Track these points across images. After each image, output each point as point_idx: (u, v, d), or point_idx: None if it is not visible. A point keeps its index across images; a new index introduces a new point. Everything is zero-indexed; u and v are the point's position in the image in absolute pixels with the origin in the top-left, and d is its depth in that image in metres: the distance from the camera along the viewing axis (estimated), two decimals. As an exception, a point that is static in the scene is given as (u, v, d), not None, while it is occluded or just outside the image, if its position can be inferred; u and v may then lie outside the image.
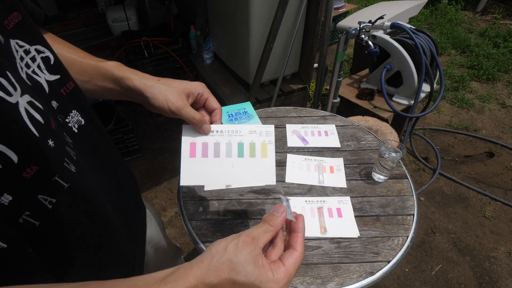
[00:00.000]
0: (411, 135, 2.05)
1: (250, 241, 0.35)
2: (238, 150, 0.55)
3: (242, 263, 0.34)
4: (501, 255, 1.54)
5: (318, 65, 1.81)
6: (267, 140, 0.57)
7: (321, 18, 1.73)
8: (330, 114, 1.10)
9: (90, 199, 0.39)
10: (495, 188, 1.86)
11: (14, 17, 0.34)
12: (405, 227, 0.76)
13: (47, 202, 0.32)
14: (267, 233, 0.38)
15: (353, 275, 0.66)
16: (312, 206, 0.80)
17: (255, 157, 0.55)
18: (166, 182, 1.93)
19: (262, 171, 0.55)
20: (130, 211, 0.56)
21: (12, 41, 0.33)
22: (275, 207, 0.41)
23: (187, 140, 0.54)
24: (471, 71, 2.83)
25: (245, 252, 0.35)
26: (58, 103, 0.38)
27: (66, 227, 0.35)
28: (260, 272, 0.34)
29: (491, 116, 2.39)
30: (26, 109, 0.30)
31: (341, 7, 2.91)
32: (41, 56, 0.37)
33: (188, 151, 0.53)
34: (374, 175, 0.88)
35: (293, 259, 0.38)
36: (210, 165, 0.53)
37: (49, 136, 0.32)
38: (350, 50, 2.93)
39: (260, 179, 0.54)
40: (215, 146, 0.54)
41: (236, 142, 0.55)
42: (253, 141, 0.56)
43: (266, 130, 0.57)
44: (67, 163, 0.34)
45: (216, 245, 0.35)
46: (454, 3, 3.91)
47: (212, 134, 0.55)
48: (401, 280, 1.47)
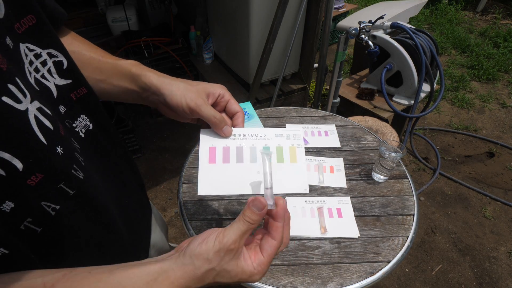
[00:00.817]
0: (411, 135, 2.05)
1: (232, 248, 0.35)
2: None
3: (225, 270, 0.35)
4: (501, 255, 1.54)
5: (318, 65, 1.81)
6: (296, 144, 0.52)
7: (321, 18, 1.73)
8: (330, 114, 1.10)
9: (95, 204, 0.39)
10: (495, 188, 1.86)
11: (28, 20, 0.33)
12: (405, 227, 0.76)
13: (50, 208, 0.32)
14: (246, 234, 0.37)
15: (353, 275, 0.66)
16: (312, 206, 0.80)
17: (283, 163, 0.50)
18: (166, 182, 1.93)
19: (292, 178, 0.49)
20: (136, 216, 0.55)
21: (22, 45, 0.32)
22: (256, 201, 0.38)
23: (206, 144, 0.49)
24: (471, 71, 2.83)
25: (227, 259, 0.35)
26: (66, 107, 0.38)
27: (69, 233, 0.35)
28: (243, 270, 0.36)
29: (491, 116, 2.39)
30: (36, 116, 0.29)
31: (341, 7, 2.91)
32: (53, 60, 0.37)
33: (207, 156, 0.48)
34: (374, 175, 0.88)
35: (272, 250, 0.38)
36: (232, 171, 0.47)
37: (58, 143, 0.32)
38: (350, 50, 2.93)
39: (290, 187, 0.49)
40: (237, 151, 0.49)
41: (261, 146, 0.50)
42: (280, 145, 0.51)
43: (294, 133, 0.53)
44: (75, 170, 0.34)
45: (197, 254, 0.34)
46: (454, 3, 3.91)
47: (234, 138, 0.50)
48: (401, 280, 1.47)
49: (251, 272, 0.36)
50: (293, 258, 0.70)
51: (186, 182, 0.85)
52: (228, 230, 0.36)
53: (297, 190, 0.49)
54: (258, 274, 0.37)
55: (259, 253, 0.38)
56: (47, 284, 0.29)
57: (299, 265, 0.68)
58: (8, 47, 0.30)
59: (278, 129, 0.52)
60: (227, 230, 0.36)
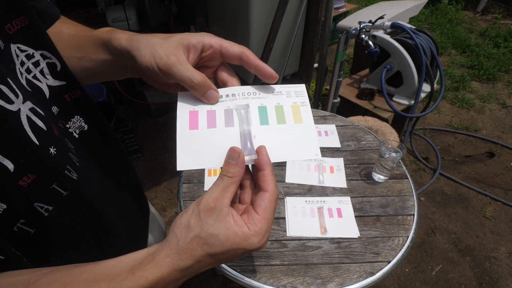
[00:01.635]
0: (411, 135, 2.05)
1: (212, 207, 0.31)
2: (260, 115, 0.39)
3: (211, 234, 0.30)
4: (501, 255, 1.54)
5: (318, 65, 1.81)
6: (299, 101, 0.42)
7: (321, 18, 1.73)
8: (330, 114, 1.10)
9: (90, 206, 0.38)
10: (496, 188, 1.86)
11: (20, 21, 0.33)
12: (405, 227, 0.75)
13: (43, 209, 0.31)
14: (228, 189, 0.32)
15: (353, 275, 0.66)
16: (312, 206, 0.80)
17: (285, 124, 0.40)
18: (166, 182, 1.93)
19: (298, 141, 0.39)
20: (133, 216, 0.55)
21: (13, 45, 0.32)
22: (229, 152, 0.34)
23: (186, 108, 0.38)
24: (471, 71, 2.82)
25: (211, 221, 0.30)
26: (59, 108, 0.37)
27: (63, 234, 0.35)
28: (235, 233, 0.30)
29: (491, 116, 2.39)
30: (28, 116, 0.29)
31: (341, 7, 2.90)
32: (46, 62, 0.36)
33: (187, 122, 0.37)
34: (374, 175, 0.87)
35: (265, 203, 0.32)
36: (220, 137, 0.37)
37: (51, 143, 0.31)
38: (350, 50, 2.92)
39: (297, 152, 0.39)
40: (226, 114, 0.39)
41: (255, 106, 0.40)
42: (279, 103, 0.41)
43: (295, 90, 0.43)
44: (68, 171, 0.34)
45: (177, 224, 0.31)
46: (455, 3, 3.91)
47: (221, 100, 0.39)
48: (401, 280, 1.47)
49: (245, 234, 0.31)
50: (293, 258, 0.70)
51: (186, 182, 0.85)
52: (207, 191, 0.32)
53: (305, 155, 0.39)
54: (255, 235, 0.31)
55: (252, 212, 0.32)
56: (31, 280, 0.28)
57: (299, 265, 0.68)
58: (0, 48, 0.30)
59: (276, 86, 0.43)
60: (206, 192, 0.32)
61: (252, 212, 0.32)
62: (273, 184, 0.33)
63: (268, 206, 0.32)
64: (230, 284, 1.45)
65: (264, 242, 0.32)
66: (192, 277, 0.34)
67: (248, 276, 0.66)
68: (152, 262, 0.30)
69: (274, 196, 0.33)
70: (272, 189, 0.33)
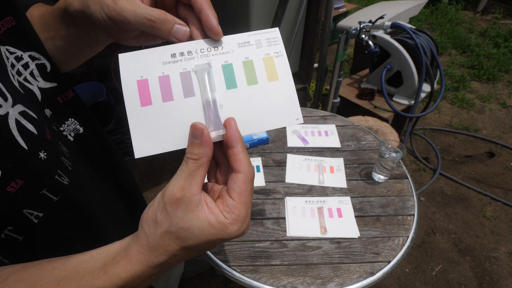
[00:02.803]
0: (411, 135, 2.05)
1: (179, 197, 0.27)
2: (225, 77, 0.32)
3: (182, 228, 0.27)
4: (501, 255, 1.54)
5: (318, 65, 1.81)
6: (273, 51, 0.34)
7: (321, 18, 1.73)
8: (330, 114, 1.10)
9: (82, 211, 0.37)
10: (496, 188, 1.86)
11: (6, 22, 0.32)
12: (405, 227, 0.75)
13: (33, 216, 0.30)
14: (195, 173, 0.28)
15: (353, 276, 0.66)
16: (312, 206, 0.80)
17: (257, 84, 0.33)
18: (166, 182, 1.92)
19: (275, 104, 0.33)
20: (131, 222, 0.53)
21: (2, 47, 0.31)
22: (191, 129, 0.29)
23: (131, 78, 0.31)
24: (471, 71, 2.82)
25: (179, 213, 0.27)
26: (52, 111, 0.36)
27: (52, 240, 0.34)
28: (210, 224, 0.27)
29: (491, 116, 2.39)
30: (17, 120, 0.28)
31: (341, 7, 2.90)
32: (36, 63, 0.35)
33: (137, 97, 0.30)
34: (375, 175, 0.87)
35: (239, 186, 0.28)
36: (180, 111, 0.31)
37: (42, 148, 0.30)
38: (350, 50, 2.92)
39: (274, 119, 0.33)
40: (183, 79, 0.31)
41: (219, 65, 0.32)
42: (248, 57, 0.33)
43: (267, 36, 0.34)
44: (59, 176, 0.32)
45: (145, 219, 0.28)
46: (455, 3, 3.91)
47: (174, 60, 0.32)
48: (401, 280, 1.47)
49: (222, 223, 0.27)
50: (293, 258, 0.70)
51: (186, 182, 0.85)
52: (171, 180, 0.28)
53: (285, 121, 0.33)
54: (233, 223, 0.27)
55: (227, 197, 0.28)
56: (1, 277, 0.27)
57: (299, 265, 0.68)
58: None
59: (241, 35, 0.34)
60: (170, 181, 0.28)
61: (226, 197, 0.28)
62: (246, 163, 0.29)
63: (243, 189, 0.28)
64: (230, 284, 1.45)
65: (245, 228, 0.29)
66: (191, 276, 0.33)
67: (248, 276, 0.66)
68: (125, 258, 0.27)
69: (249, 177, 0.29)
70: (245, 169, 0.28)
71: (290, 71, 0.34)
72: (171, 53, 0.32)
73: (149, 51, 0.31)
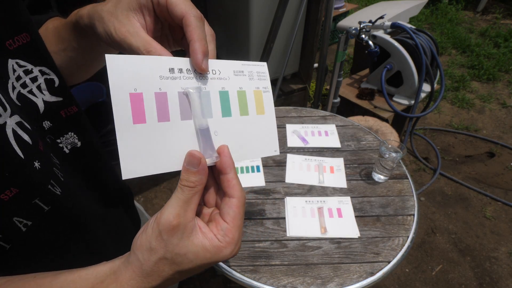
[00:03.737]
0: (411, 135, 2.05)
1: (175, 225, 0.27)
2: (221, 104, 0.33)
3: (178, 254, 0.27)
4: (501, 255, 1.54)
5: (318, 65, 1.81)
6: (262, 86, 0.36)
7: (321, 18, 1.73)
8: (330, 114, 1.10)
9: (74, 222, 0.37)
10: (496, 188, 1.86)
11: (21, 37, 0.33)
12: (405, 227, 0.75)
13: (22, 224, 0.30)
14: (191, 201, 0.28)
15: (354, 276, 0.66)
16: (312, 206, 0.80)
17: (248, 115, 0.35)
18: (166, 182, 1.93)
19: (260, 136, 0.36)
20: (124, 234, 0.53)
21: (11, 60, 0.32)
22: (188, 157, 0.29)
23: (124, 89, 0.27)
24: (471, 71, 2.82)
25: (175, 240, 0.27)
26: (52, 124, 0.37)
27: (41, 250, 0.34)
28: (205, 248, 0.28)
29: (491, 116, 2.39)
30: (14, 130, 0.29)
31: (341, 6, 2.90)
32: (45, 78, 0.36)
33: (129, 112, 0.28)
34: (375, 175, 0.87)
35: (234, 210, 0.29)
36: (175, 134, 0.30)
37: (36, 158, 0.31)
38: (350, 50, 2.92)
39: (257, 149, 0.35)
40: (181, 99, 0.30)
41: (216, 91, 0.32)
42: (242, 88, 0.34)
43: (257, 70, 0.36)
44: (52, 186, 0.33)
45: (138, 246, 0.28)
46: (455, 3, 3.91)
47: (173, 75, 0.30)
48: (401, 280, 1.47)
49: (216, 247, 0.28)
50: (293, 258, 0.70)
51: (186, 182, 0.85)
52: (166, 206, 0.28)
53: (265, 152, 0.36)
54: (227, 246, 0.28)
55: (221, 221, 0.29)
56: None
57: (299, 265, 0.68)
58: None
59: (236, 62, 0.35)
60: (165, 207, 0.28)
61: (220, 221, 0.30)
62: (239, 188, 0.30)
63: (237, 213, 0.30)
64: (230, 284, 1.45)
65: (236, 250, 0.30)
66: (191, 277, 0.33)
67: (248, 276, 0.66)
68: (115, 283, 0.27)
69: (242, 201, 0.30)
70: (238, 194, 0.30)
71: (274, 107, 0.37)
72: (169, 67, 0.30)
73: (143, 58, 0.28)
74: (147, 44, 0.29)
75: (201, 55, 0.29)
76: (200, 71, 0.31)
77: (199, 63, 0.30)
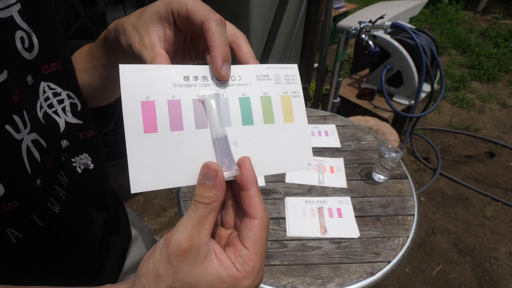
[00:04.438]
0: (411, 135, 2.05)
1: (186, 248, 0.23)
2: (242, 111, 0.30)
3: (189, 284, 0.24)
4: (501, 255, 1.54)
5: (318, 65, 1.81)
6: (291, 90, 0.32)
7: (321, 18, 1.73)
8: (330, 114, 1.10)
9: (66, 240, 0.38)
10: (496, 188, 1.86)
11: (56, 64, 0.36)
12: (405, 227, 0.75)
13: (13, 236, 0.31)
14: (205, 220, 0.24)
15: (354, 276, 0.66)
16: (312, 206, 0.80)
17: (273, 123, 0.31)
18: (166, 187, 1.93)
19: (289, 147, 0.31)
20: (115, 255, 0.54)
21: (44, 83, 0.35)
22: (203, 169, 0.26)
23: (135, 97, 0.26)
24: (471, 71, 2.82)
25: (186, 267, 0.24)
26: (70, 143, 0.39)
27: (29, 262, 0.34)
28: (221, 279, 0.24)
29: (491, 116, 2.39)
30: (28, 147, 0.30)
31: (341, 6, 2.90)
32: (70, 101, 0.39)
33: (140, 121, 0.26)
34: (375, 175, 0.87)
35: (255, 234, 0.25)
36: (190, 144, 0.27)
37: (39, 175, 0.32)
38: (351, 50, 2.92)
39: (287, 163, 0.31)
40: (196, 107, 0.28)
41: (236, 97, 0.30)
42: (266, 93, 0.31)
43: (285, 72, 0.32)
44: (51, 203, 0.33)
45: (144, 272, 0.25)
46: (455, 3, 3.91)
47: (188, 83, 0.28)
48: (401, 280, 1.47)
49: (234, 278, 0.24)
50: (293, 259, 0.70)
51: (186, 182, 0.85)
52: (177, 226, 0.25)
53: (297, 166, 0.31)
54: (247, 277, 0.24)
55: (240, 246, 0.25)
56: None
57: (299, 265, 0.68)
58: (27, 83, 0.32)
59: (260, 66, 0.31)
60: (176, 227, 0.25)
61: (239, 246, 0.25)
62: (262, 208, 0.26)
63: (258, 237, 0.25)
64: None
65: (258, 281, 0.26)
66: None
67: (248, 276, 0.66)
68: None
69: (265, 223, 0.26)
70: (261, 215, 0.26)
71: (306, 114, 0.32)
72: (184, 75, 0.28)
73: (157, 68, 0.27)
74: (154, 57, 0.28)
75: (220, 61, 0.27)
76: (221, 78, 0.28)
77: (218, 69, 0.27)
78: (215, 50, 0.27)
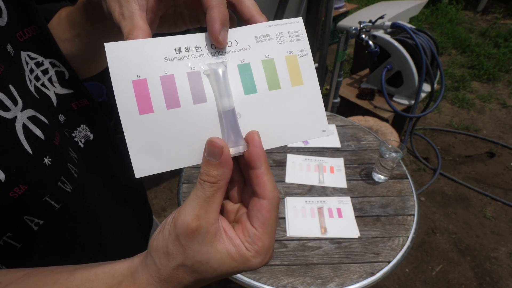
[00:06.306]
0: (411, 135, 2.05)
1: (195, 228, 0.23)
2: (242, 80, 0.27)
3: (199, 262, 0.24)
4: (501, 255, 1.54)
5: (318, 65, 1.81)
6: (296, 49, 0.28)
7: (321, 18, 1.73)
8: (330, 114, 1.10)
9: (85, 219, 0.37)
10: (496, 188, 1.86)
11: (30, 29, 0.33)
12: (405, 227, 0.75)
13: (33, 223, 0.30)
14: (212, 199, 0.24)
15: (354, 276, 0.66)
16: (312, 206, 0.80)
17: (280, 88, 0.28)
18: (166, 182, 1.93)
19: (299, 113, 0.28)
20: (134, 232, 0.51)
21: (23, 53, 0.32)
22: (207, 146, 0.24)
23: (126, 77, 0.25)
24: (471, 71, 2.82)
25: (196, 246, 0.23)
26: (66, 117, 0.36)
27: (51, 249, 0.33)
28: (231, 256, 0.24)
29: (491, 116, 2.39)
30: (25, 125, 0.28)
31: (341, 6, 2.90)
32: (55, 70, 0.35)
33: (134, 102, 0.24)
34: (375, 175, 0.87)
35: (263, 214, 0.24)
36: (189, 121, 0.26)
37: (47, 153, 0.30)
38: (350, 50, 2.92)
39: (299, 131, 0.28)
40: (191, 80, 0.26)
41: (234, 65, 0.27)
42: (268, 55, 0.28)
43: (289, 29, 0.28)
44: (62, 182, 0.32)
45: (154, 248, 0.25)
46: (455, 3, 3.91)
47: (180, 55, 0.26)
48: (401, 280, 1.47)
49: (244, 255, 0.24)
50: (293, 259, 0.70)
51: (186, 182, 0.85)
52: (184, 205, 0.24)
53: (310, 133, 0.29)
54: (256, 256, 0.24)
55: (249, 226, 0.25)
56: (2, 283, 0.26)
57: (299, 265, 0.68)
58: (8, 54, 0.29)
59: (259, 26, 0.28)
60: (183, 206, 0.24)
61: (247, 225, 0.25)
62: (271, 187, 0.25)
63: (267, 217, 0.25)
64: (230, 284, 1.45)
65: (268, 259, 0.25)
66: None
67: (248, 276, 0.66)
68: (133, 286, 0.25)
69: (274, 203, 0.25)
70: (270, 194, 0.25)
71: (316, 74, 0.29)
72: (175, 47, 0.25)
73: (145, 42, 0.25)
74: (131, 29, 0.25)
75: (219, 25, 0.24)
76: (217, 45, 0.26)
77: (216, 34, 0.24)
78: (212, 11, 0.24)
